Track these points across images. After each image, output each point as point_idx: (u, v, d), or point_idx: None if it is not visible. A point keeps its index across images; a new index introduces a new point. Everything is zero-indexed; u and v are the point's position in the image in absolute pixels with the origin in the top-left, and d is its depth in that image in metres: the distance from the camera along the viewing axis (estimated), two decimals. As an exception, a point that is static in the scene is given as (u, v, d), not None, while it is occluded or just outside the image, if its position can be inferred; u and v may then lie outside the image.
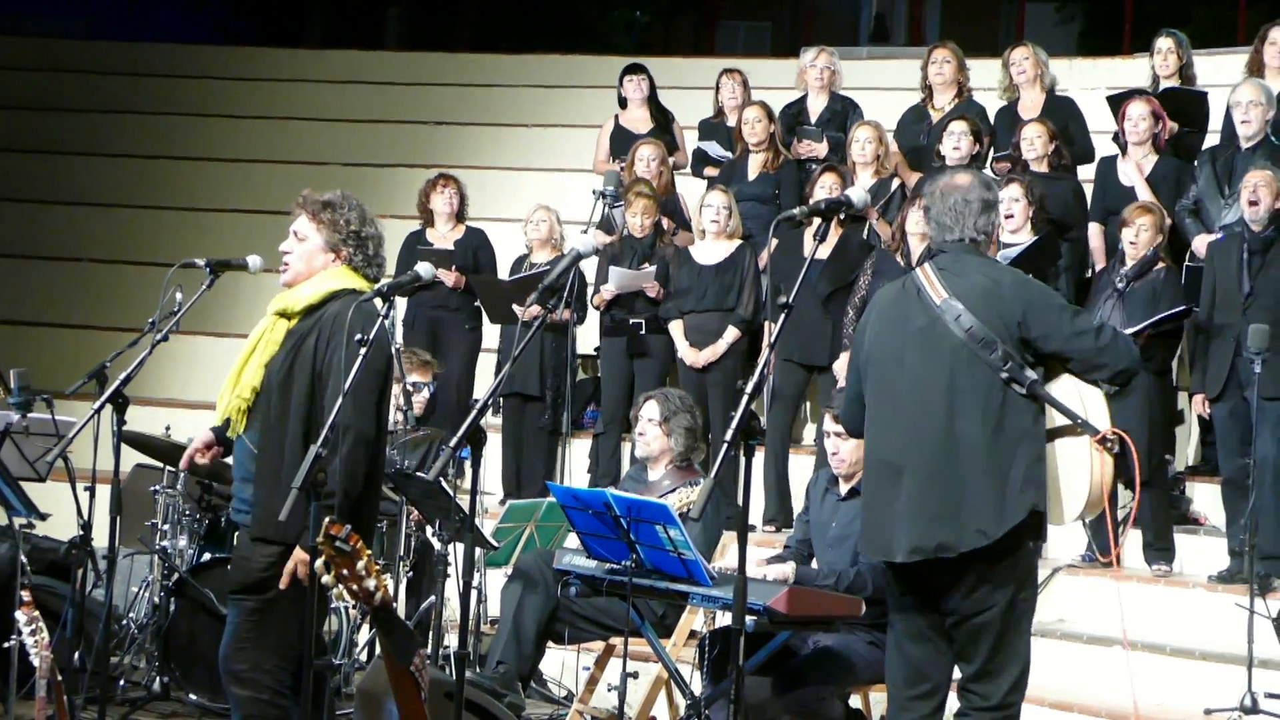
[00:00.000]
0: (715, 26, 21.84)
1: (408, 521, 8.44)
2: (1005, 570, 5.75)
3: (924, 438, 5.74)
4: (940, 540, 5.68)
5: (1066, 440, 5.76)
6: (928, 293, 5.83)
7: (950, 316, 5.72)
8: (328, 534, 4.62)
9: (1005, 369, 5.66)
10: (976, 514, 5.66)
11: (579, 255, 5.66)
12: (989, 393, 5.68)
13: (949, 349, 5.73)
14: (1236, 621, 7.76)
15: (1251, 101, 9.66)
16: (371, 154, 15.50)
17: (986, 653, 5.80)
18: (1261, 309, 8.76)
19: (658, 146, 11.43)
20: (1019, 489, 5.67)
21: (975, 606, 5.76)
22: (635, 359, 10.68)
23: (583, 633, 7.87)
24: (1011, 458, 5.67)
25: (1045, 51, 11.37)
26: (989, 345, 5.66)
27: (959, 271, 5.83)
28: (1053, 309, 5.81)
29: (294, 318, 6.02)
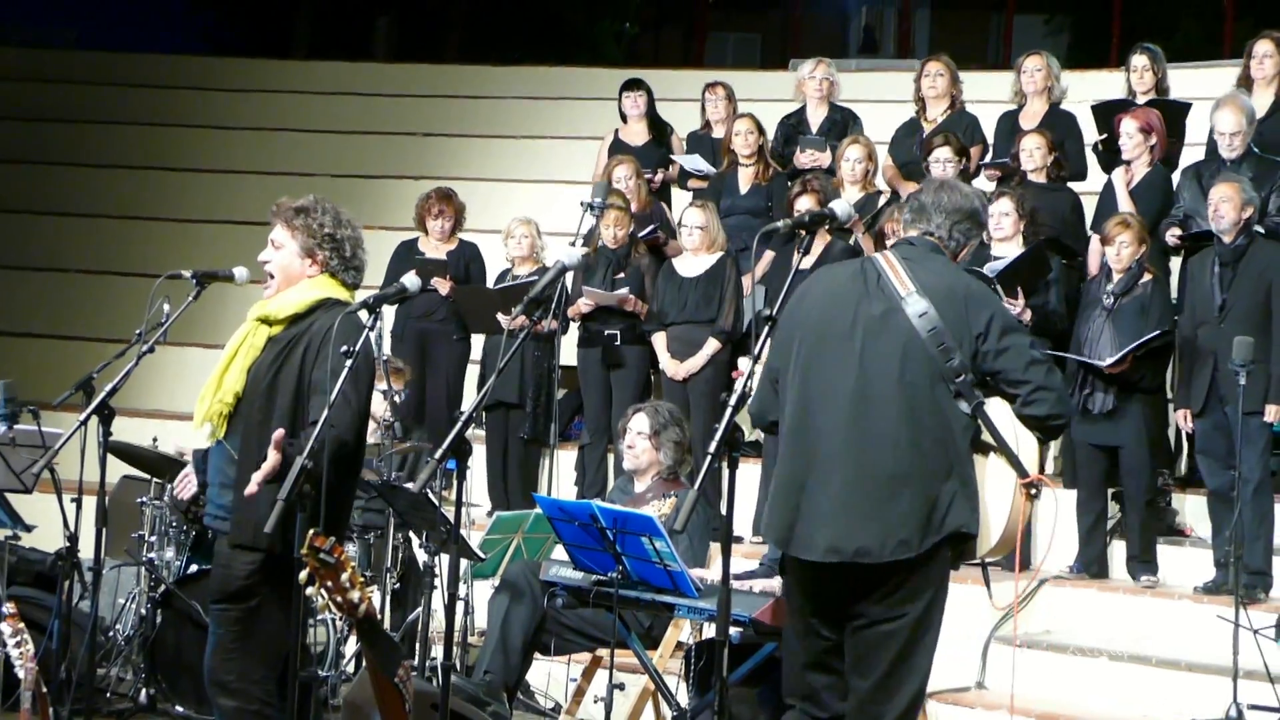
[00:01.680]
0: (704, 38, 21.84)
1: (394, 533, 8.44)
2: (921, 578, 5.49)
3: (862, 431, 5.41)
4: (861, 544, 5.39)
5: (993, 463, 5.58)
6: (890, 280, 5.59)
7: (914, 310, 5.49)
8: (311, 546, 4.63)
9: (957, 381, 5.45)
10: (903, 524, 5.40)
11: (565, 267, 5.66)
12: (935, 400, 5.46)
13: (903, 342, 5.48)
14: (1222, 633, 7.77)
15: (1234, 132, 9.67)
16: (359, 165, 15.51)
17: (887, 665, 5.51)
18: (1235, 320, 8.79)
19: (631, 164, 11.46)
20: (948, 506, 5.43)
21: (886, 613, 5.49)
22: (611, 370, 10.72)
23: (569, 644, 7.88)
24: (948, 472, 5.44)
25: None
26: (949, 353, 5.45)
27: (925, 266, 5.63)
28: (1016, 329, 5.65)
29: (276, 324, 6.03)
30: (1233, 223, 8.97)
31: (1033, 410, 5.52)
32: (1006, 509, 5.54)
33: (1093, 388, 9.19)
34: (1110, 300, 9.27)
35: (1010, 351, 5.52)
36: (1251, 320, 8.80)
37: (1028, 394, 5.51)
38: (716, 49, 23.79)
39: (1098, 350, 9.17)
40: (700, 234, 10.53)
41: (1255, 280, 8.91)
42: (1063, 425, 5.69)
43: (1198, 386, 9.00)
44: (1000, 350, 5.52)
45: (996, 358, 5.52)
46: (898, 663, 5.52)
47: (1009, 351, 5.52)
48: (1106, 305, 9.27)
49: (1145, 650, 8.63)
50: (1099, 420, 9.20)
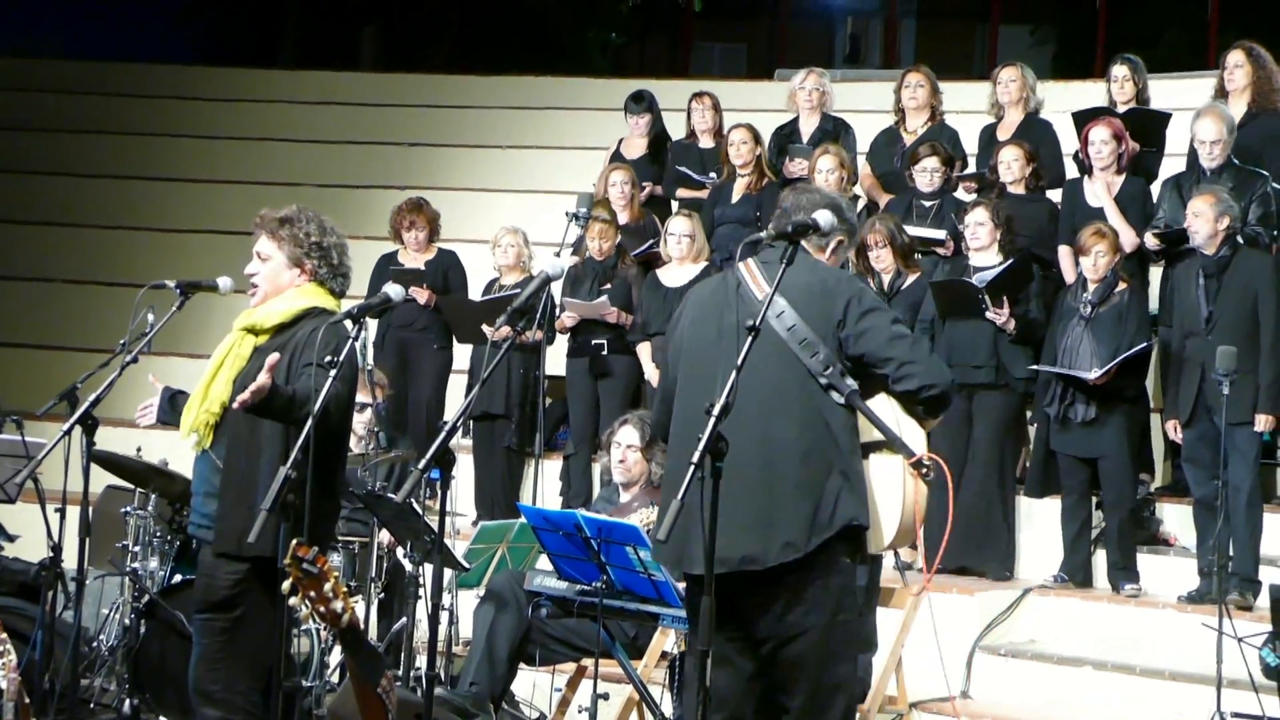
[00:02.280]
0: (690, 48, 21.87)
1: (379, 543, 8.44)
2: (818, 590, 5.38)
3: (738, 441, 5.14)
4: (745, 552, 5.27)
5: (879, 458, 5.49)
6: (749, 287, 5.55)
7: (772, 313, 5.38)
8: (295, 556, 4.63)
9: (825, 374, 5.37)
10: (786, 525, 5.31)
11: (549, 278, 5.67)
12: (807, 397, 5.39)
13: (767, 347, 5.36)
14: (1206, 642, 7.78)
15: (1215, 140, 9.70)
16: (346, 175, 15.51)
17: (809, 687, 5.43)
18: (1223, 332, 8.80)
19: (627, 172, 11.47)
20: (834, 501, 5.34)
21: (790, 630, 5.40)
22: (599, 380, 10.74)
23: (554, 654, 7.87)
24: (829, 468, 5.36)
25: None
26: (811, 348, 5.37)
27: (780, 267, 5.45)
28: (875, 309, 5.53)
29: (263, 334, 6.03)
30: (1208, 235, 8.98)
31: (903, 386, 5.45)
32: (899, 497, 5.46)
33: (1074, 398, 9.21)
34: (1088, 310, 9.29)
35: (870, 332, 5.46)
36: (1239, 331, 8.82)
37: (894, 371, 5.44)
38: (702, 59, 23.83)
39: (1078, 360, 9.19)
40: (687, 242, 10.54)
41: (1241, 291, 8.93)
42: (939, 396, 5.50)
43: (1185, 397, 9.02)
44: (860, 333, 5.45)
45: (858, 341, 5.46)
46: (817, 685, 5.45)
47: (868, 332, 5.46)
48: (1084, 315, 9.29)
49: (1129, 659, 8.65)
50: (1079, 430, 9.22)
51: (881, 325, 5.48)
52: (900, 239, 9.90)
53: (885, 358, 5.45)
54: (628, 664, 7.27)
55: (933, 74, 11.47)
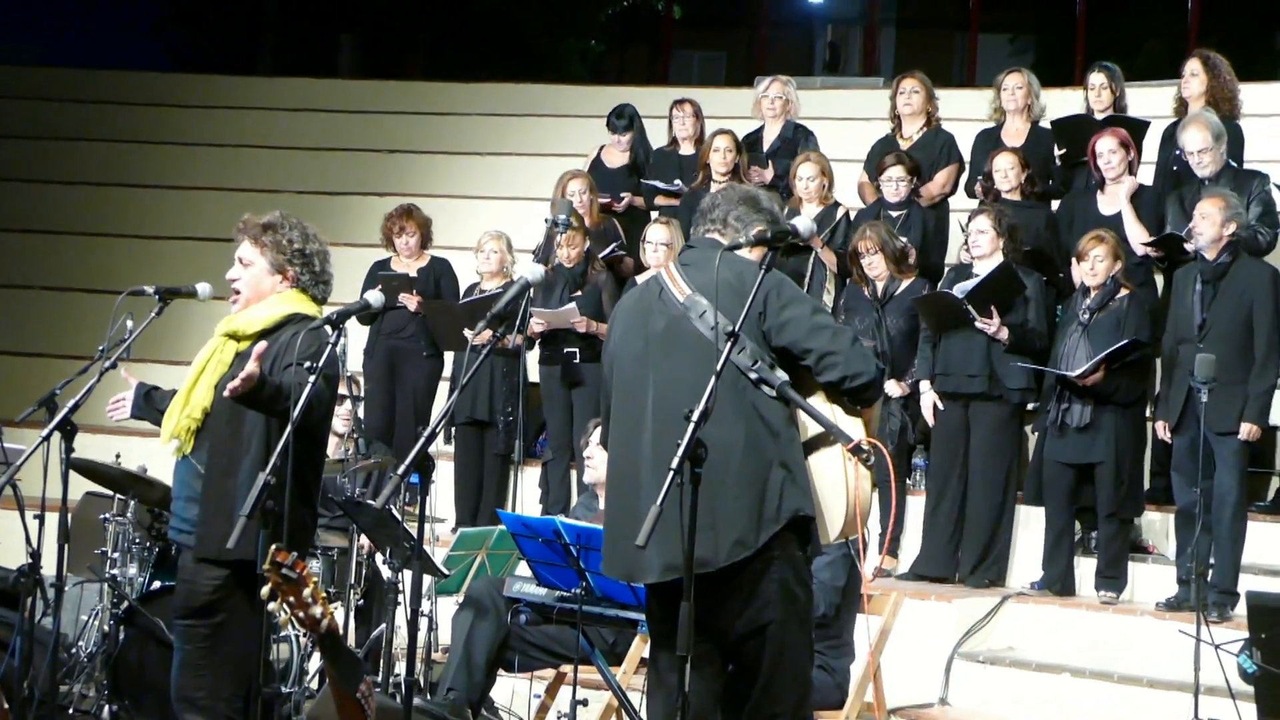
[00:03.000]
0: (669, 56, 21.87)
1: (358, 549, 8.43)
2: (772, 584, 5.39)
3: (669, 447, 5.11)
4: (697, 555, 5.14)
5: (821, 454, 5.47)
6: (670, 291, 5.53)
7: (695, 314, 5.41)
8: (274, 561, 4.63)
9: (754, 368, 5.34)
10: (734, 524, 5.30)
11: (528, 284, 5.66)
12: (738, 394, 5.34)
13: (693, 348, 5.39)
14: (1184, 649, 7.80)
15: (1201, 149, 9.71)
16: (324, 182, 15.49)
17: (767, 672, 5.44)
18: (1215, 339, 8.80)
19: (585, 179, 11.49)
20: (778, 494, 5.33)
21: (749, 625, 5.41)
22: (572, 388, 10.75)
23: (533, 660, 7.86)
24: (769, 462, 5.34)
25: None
26: (737, 344, 5.24)
27: (701, 265, 5.53)
28: (795, 300, 5.50)
29: (244, 340, 6.03)
30: (1211, 239, 8.97)
31: (825, 377, 5.44)
32: (843, 486, 5.44)
33: (1070, 401, 9.23)
34: (1086, 315, 9.31)
35: (791, 324, 5.43)
36: (1232, 339, 8.84)
37: (815, 362, 5.43)
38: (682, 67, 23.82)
39: (1073, 365, 9.21)
40: (665, 250, 10.53)
41: (1236, 299, 8.93)
42: (865, 385, 5.46)
43: (1175, 403, 9.02)
44: (781, 325, 5.43)
45: (779, 333, 5.44)
46: (771, 676, 5.46)
47: (789, 324, 5.43)
48: (1082, 320, 9.31)
49: (1108, 666, 8.67)
50: (1074, 435, 9.23)
51: (802, 316, 5.46)
52: (891, 245, 9.93)
53: (806, 349, 5.43)
54: (606, 670, 7.26)
55: (927, 80, 11.44)
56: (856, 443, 5.34)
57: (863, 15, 22.30)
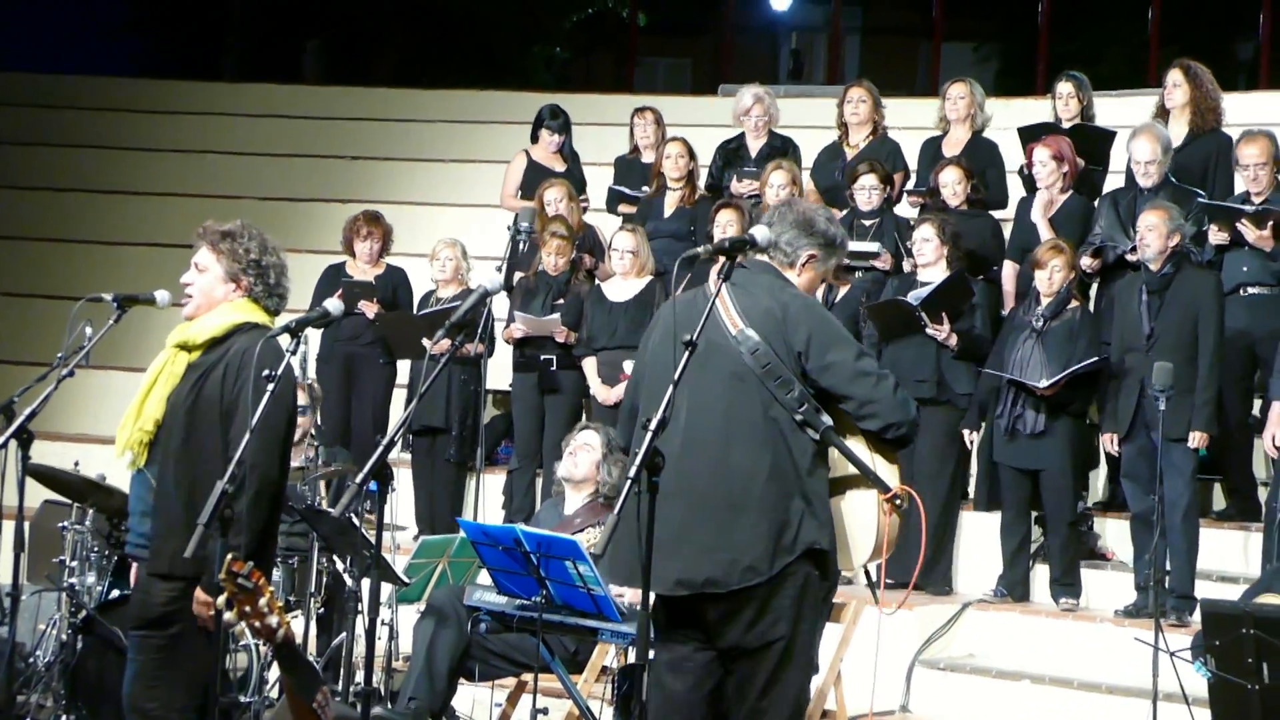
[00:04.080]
0: (634, 63, 21.88)
1: (319, 558, 8.41)
2: (788, 601, 5.48)
3: (698, 464, 5.41)
4: (709, 575, 5.38)
5: (855, 492, 5.59)
6: (720, 314, 5.54)
7: (747, 348, 5.47)
8: (230, 571, 4.61)
9: (800, 410, 5.44)
10: (748, 550, 5.39)
11: (486, 293, 5.66)
12: (769, 426, 5.44)
13: (731, 374, 5.48)
14: (1142, 656, 7.83)
15: (1149, 161, 9.79)
16: (288, 188, 15.45)
17: (761, 687, 5.52)
18: (1163, 349, 8.85)
19: (563, 186, 11.47)
20: (796, 526, 5.42)
21: (758, 640, 5.50)
22: (546, 395, 10.74)
23: (494, 669, 7.86)
24: (790, 494, 5.43)
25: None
26: (787, 385, 5.42)
27: (750, 289, 5.59)
28: (838, 343, 5.57)
29: (195, 350, 6.00)
30: (1158, 251, 9.03)
31: (867, 425, 5.53)
32: (874, 524, 5.55)
33: (1024, 408, 9.26)
34: (1040, 323, 9.34)
35: (833, 368, 5.51)
36: (1179, 349, 8.88)
37: (856, 410, 5.52)
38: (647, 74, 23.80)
39: (1028, 373, 9.24)
40: (631, 258, 10.56)
41: (1183, 309, 8.98)
42: (904, 434, 5.57)
43: (1124, 412, 9.07)
44: (823, 368, 5.51)
45: (821, 375, 5.51)
46: (769, 686, 5.53)
47: (831, 369, 5.51)
48: (1036, 328, 9.34)
49: (1067, 673, 8.71)
50: (1025, 442, 9.27)
51: (845, 362, 5.54)
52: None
53: (847, 395, 5.52)
54: (567, 679, 7.26)
55: (875, 89, 11.51)
56: (893, 493, 5.49)
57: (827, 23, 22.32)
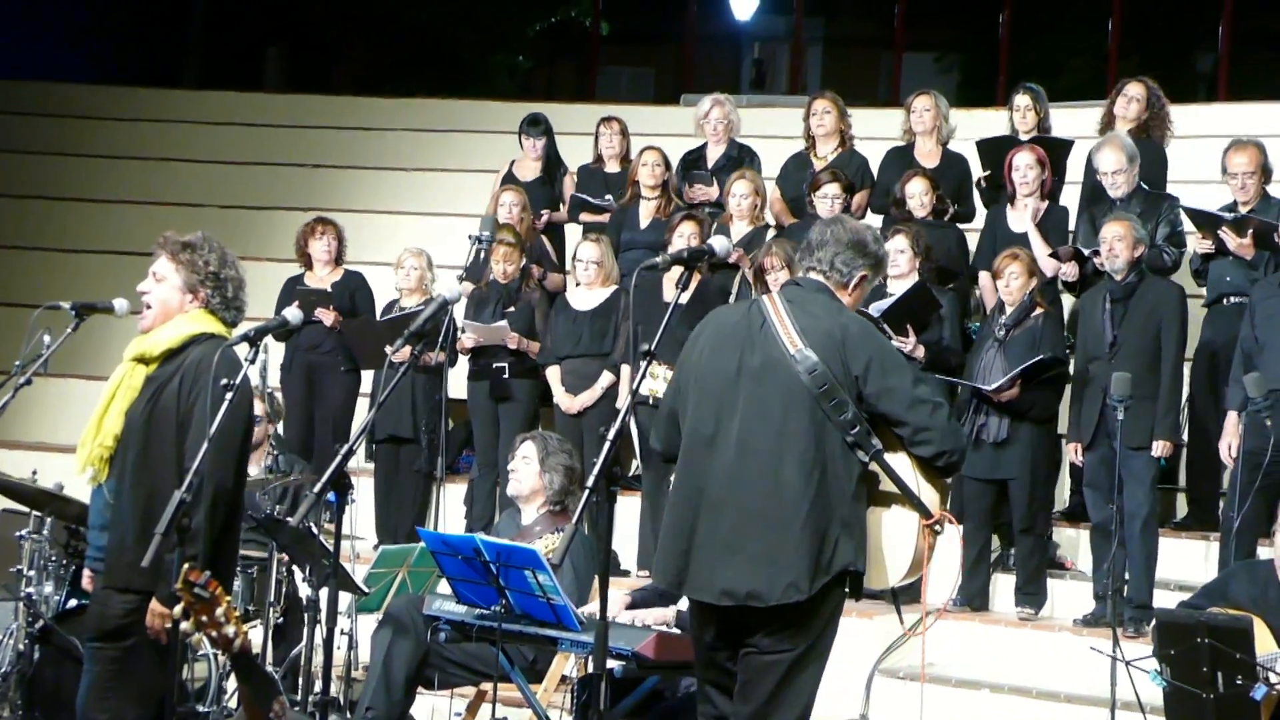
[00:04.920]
0: (597, 72, 21.87)
1: (278, 567, 8.38)
2: (811, 614, 5.59)
3: (749, 476, 5.54)
4: (753, 588, 5.51)
5: (895, 510, 5.68)
6: (777, 330, 5.64)
7: (804, 367, 5.55)
8: (186, 580, 4.61)
9: (853, 432, 5.54)
10: (792, 567, 5.50)
11: (445, 301, 5.67)
12: (819, 445, 5.54)
13: (784, 393, 5.57)
14: (1101, 665, 7.87)
15: (1115, 171, 9.86)
16: (249, 196, 15.40)
17: (769, 691, 5.61)
18: (1126, 358, 8.91)
19: (518, 193, 11.48)
20: (833, 548, 5.53)
21: (775, 645, 5.61)
22: (500, 403, 10.73)
23: (453, 678, 7.85)
24: (831, 515, 5.53)
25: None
26: (841, 407, 5.52)
27: (808, 309, 5.68)
28: (896, 369, 5.66)
29: (152, 363, 5.99)
30: (1127, 261, 9.10)
31: (919, 451, 5.61)
32: (912, 545, 5.65)
33: (987, 416, 9.28)
34: (1002, 332, 9.39)
35: (891, 394, 5.59)
36: (1142, 358, 8.94)
37: (910, 436, 5.59)
38: (610, 83, 23.81)
39: (989, 380, 9.27)
40: (595, 269, 10.57)
41: (1146, 318, 9.04)
42: (955, 462, 5.68)
43: (1087, 421, 9.12)
44: (882, 392, 5.58)
45: (879, 400, 5.59)
46: (779, 690, 5.60)
47: (889, 394, 5.58)
48: (998, 337, 9.38)
49: (1026, 682, 8.74)
50: (989, 450, 9.30)
51: (902, 388, 5.62)
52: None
53: (903, 421, 5.61)
54: (526, 688, 7.27)
55: (840, 100, 11.53)
56: (935, 520, 5.59)
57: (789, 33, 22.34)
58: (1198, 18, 20.52)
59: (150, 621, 5.69)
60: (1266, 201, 9.75)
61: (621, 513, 10.56)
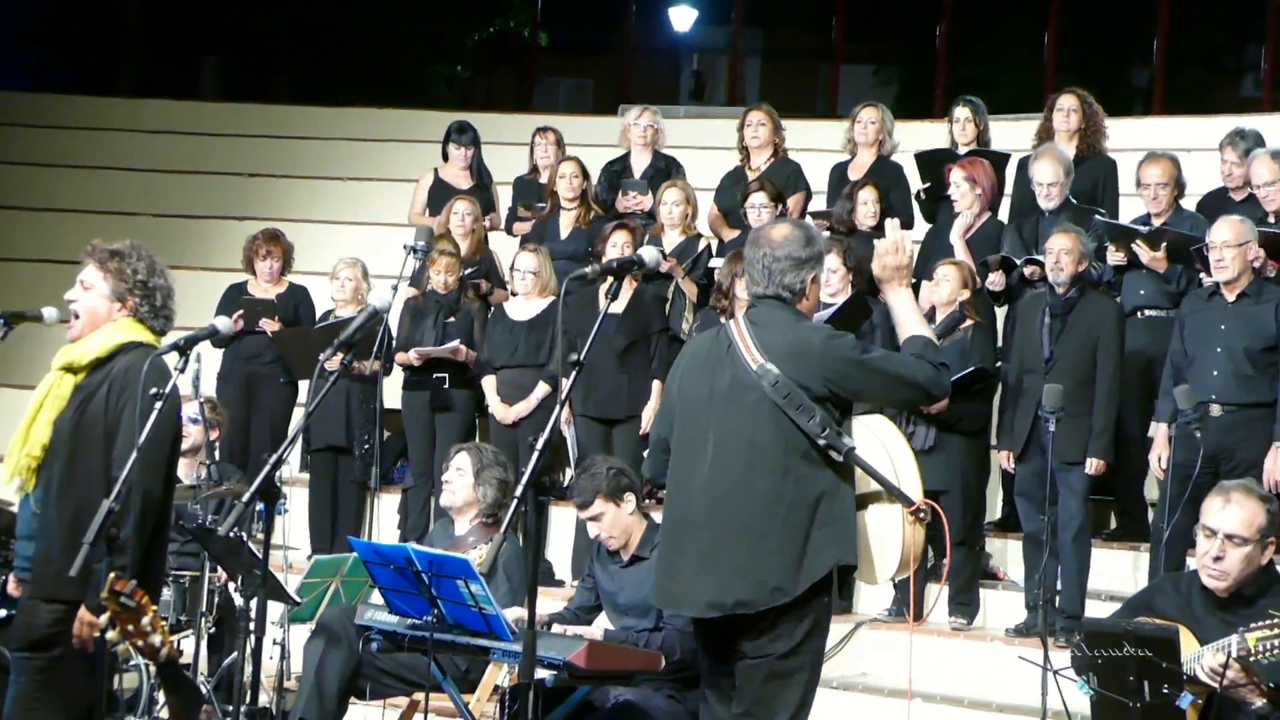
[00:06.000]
0: (535, 82, 21.89)
1: (211, 577, 8.35)
2: (797, 618, 5.72)
3: (725, 492, 5.71)
4: (739, 596, 5.67)
5: (878, 507, 5.79)
6: (740, 351, 5.78)
7: (768, 382, 5.67)
8: (113, 590, 4.58)
9: (824, 435, 5.64)
10: (775, 572, 5.64)
11: (376, 311, 5.67)
12: (788, 452, 5.67)
13: (753, 406, 5.71)
14: (1032, 674, 7.90)
15: (1051, 183, 9.94)
16: (185, 205, 15.35)
17: (756, 693, 5.75)
18: (1062, 372, 8.95)
19: (473, 203, 11.49)
20: (820, 546, 5.65)
21: (760, 650, 5.74)
22: (438, 413, 10.72)
23: (386, 688, 7.83)
24: (812, 516, 5.65)
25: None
26: (808, 413, 5.63)
27: (769, 328, 5.79)
28: (863, 368, 5.75)
29: (81, 372, 5.97)
30: (1071, 275, 9.15)
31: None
32: (899, 538, 5.77)
33: (915, 425, 9.32)
34: (932, 340, 9.41)
35: (865, 392, 5.84)
36: (1077, 373, 8.98)
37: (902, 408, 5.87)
38: (548, 93, 23.81)
39: (920, 389, 9.29)
40: (533, 279, 10.57)
41: (1084, 334, 9.08)
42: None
43: (1020, 431, 9.16)
44: (857, 392, 5.79)
45: (859, 397, 5.84)
46: (766, 692, 5.73)
47: (864, 392, 5.83)
48: (929, 345, 9.40)
49: (958, 692, 8.77)
50: (920, 458, 9.30)
51: (874, 379, 5.77)
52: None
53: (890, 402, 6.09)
54: (458, 698, 7.25)
55: (774, 111, 11.60)
56: (917, 506, 5.71)
57: (728, 45, 22.40)
58: (1134, 33, 20.68)
59: (78, 631, 5.66)
60: (1179, 214, 9.83)
61: (557, 523, 10.63)
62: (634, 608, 7.22)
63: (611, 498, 7.25)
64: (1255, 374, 8.70)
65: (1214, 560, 5.98)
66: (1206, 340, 8.79)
